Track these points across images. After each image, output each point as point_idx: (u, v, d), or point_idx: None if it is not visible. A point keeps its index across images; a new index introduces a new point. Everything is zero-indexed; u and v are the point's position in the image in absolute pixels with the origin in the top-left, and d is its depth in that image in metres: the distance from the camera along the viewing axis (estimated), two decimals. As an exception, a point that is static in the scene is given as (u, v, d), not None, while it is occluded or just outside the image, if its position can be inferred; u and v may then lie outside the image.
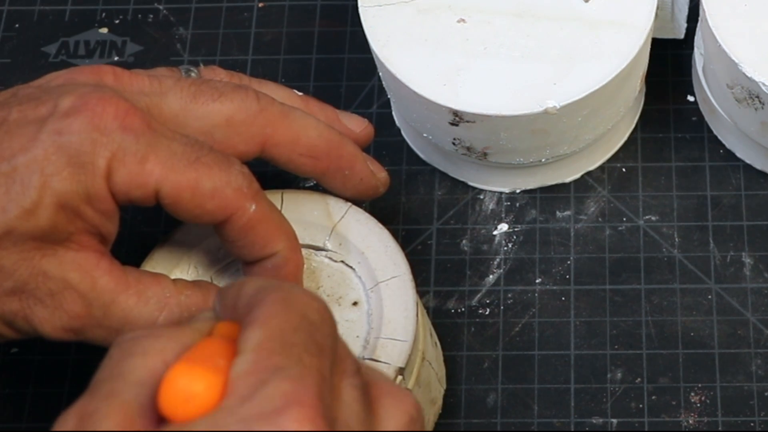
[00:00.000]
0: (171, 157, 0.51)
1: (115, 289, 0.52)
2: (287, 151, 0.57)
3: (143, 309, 0.53)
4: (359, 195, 0.59)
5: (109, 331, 0.53)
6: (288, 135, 0.56)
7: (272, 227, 0.54)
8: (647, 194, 0.66)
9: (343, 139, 0.58)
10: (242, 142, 0.56)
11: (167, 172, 0.51)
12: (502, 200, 0.66)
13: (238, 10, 0.73)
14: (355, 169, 0.58)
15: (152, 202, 0.52)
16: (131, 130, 0.51)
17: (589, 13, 0.62)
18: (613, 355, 0.62)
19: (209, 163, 0.52)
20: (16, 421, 0.62)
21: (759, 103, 0.61)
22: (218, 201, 0.52)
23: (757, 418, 0.60)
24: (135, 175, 0.51)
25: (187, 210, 0.52)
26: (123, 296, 0.52)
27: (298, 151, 0.57)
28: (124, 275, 0.53)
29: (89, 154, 0.51)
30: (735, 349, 0.62)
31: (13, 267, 0.51)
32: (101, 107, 0.51)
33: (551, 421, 0.61)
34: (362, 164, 0.59)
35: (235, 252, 0.54)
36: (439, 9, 0.62)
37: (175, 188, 0.51)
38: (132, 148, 0.51)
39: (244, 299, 0.45)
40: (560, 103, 0.59)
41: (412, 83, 0.60)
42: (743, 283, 0.64)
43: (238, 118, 0.55)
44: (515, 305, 0.64)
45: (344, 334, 0.56)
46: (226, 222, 0.53)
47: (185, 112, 0.55)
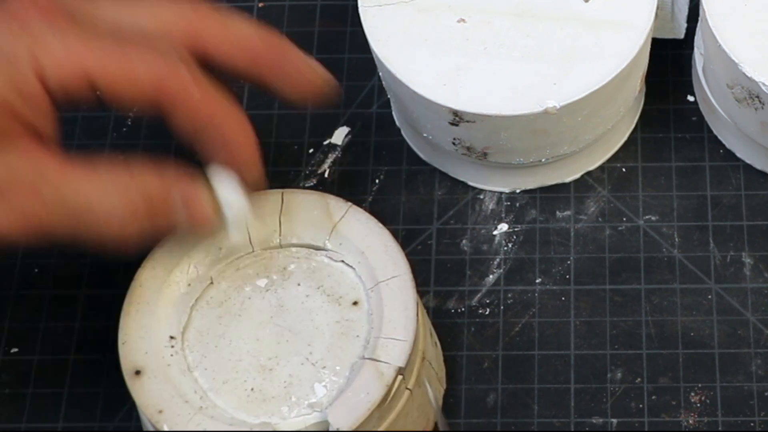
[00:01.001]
0: (100, 46, 0.51)
1: (65, 179, 0.51)
2: (224, 48, 0.56)
3: (101, 195, 0.51)
4: (302, 96, 0.57)
5: (70, 223, 0.51)
6: (224, 33, 0.56)
7: (203, 92, 0.54)
8: (647, 194, 0.66)
9: (281, 38, 0.57)
10: (177, 42, 0.55)
11: (97, 60, 0.51)
12: (502, 200, 0.66)
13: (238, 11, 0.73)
14: (295, 68, 0.57)
15: (91, 95, 0.52)
16: (54, 23, 0.52)
17: (589, 13, 0.62)
18: (613, 355, 0.62)
19: (140, 48, 0.52)
20: (16, 421, 0.62)
21: (759, 103, 0.61)
22: (148, 70, 0.52)
23: (757, 418, 0.60)
24: (64, 65, 0.51)
25: (128, 97, 0.52)
26: (75, 185, 0.51)
27: (235, 49, 0.56)
28: (72, 165, 0.52)
29: (13, 48, 0.51)
30: (735, 349, 0.62)
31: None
32: (23, 4, 0.52)
33: (551, 421, 0.61)
34: (303, 62, 0.57)
35: (175, 123, 0.54)
36: (439, 9, 0.62)
37: (109, 75, 0.51)
38: (57, 40, 0.51)
39: None
40: (560, 103, 0.59)
41: (412, 83, 0.60)
42: (743, 283, 0.64)
43: (170, 19, 0.55)
44: (515, 305, 0.64)
45: (344, 334, 0.56)
46: (158, 93, 0.53)
47: (117, 17, 0.55)
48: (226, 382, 0.55)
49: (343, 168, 0.68)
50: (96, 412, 0.62)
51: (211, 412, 0.54)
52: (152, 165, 0.53)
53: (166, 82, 0.52)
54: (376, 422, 0.54)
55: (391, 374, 0.54)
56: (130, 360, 0.55)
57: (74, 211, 0.51)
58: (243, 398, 0.55)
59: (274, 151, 0.68)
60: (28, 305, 0.65)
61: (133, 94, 0.52)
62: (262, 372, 0.55)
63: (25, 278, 0.65)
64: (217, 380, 0.56)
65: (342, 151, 0.68)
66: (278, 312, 0.57)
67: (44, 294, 0.65)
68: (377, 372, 0.54)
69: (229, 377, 0.56)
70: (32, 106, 0.51)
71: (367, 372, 0.54)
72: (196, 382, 0.55)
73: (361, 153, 0.68)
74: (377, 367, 0.54)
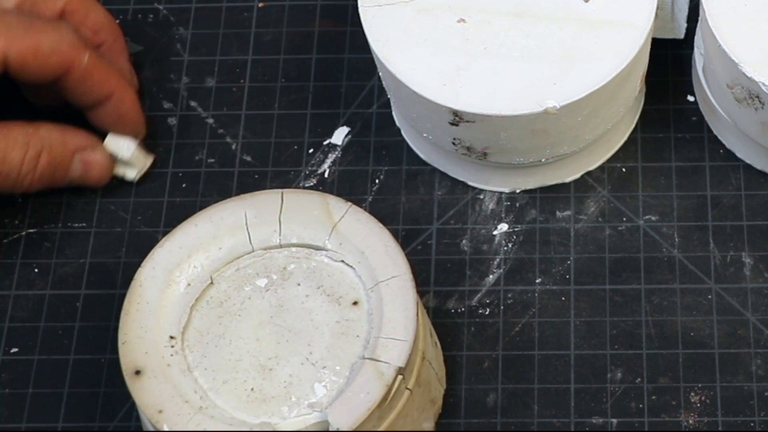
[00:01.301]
0: (9, 28, 0.60)
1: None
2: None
3: (12, 147, 0.62)
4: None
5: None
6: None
7: (105, 71, 0.63)
8: (647, 194, 0.66)
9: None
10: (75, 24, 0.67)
11: (10, 41, 0.60)
12: (502, 200, 0.66)
13: (238, 10, 0.73)
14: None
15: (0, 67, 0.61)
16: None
17: (589, 13, 0.62)
18: (613, 355, 0.62)
19: (42, 26, 0.61)
20: (16, 421, 0.62)
21: (759, 103, 0.61)
22: (57, 57, 0.61)
23: (757, 418, 0.60)
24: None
25: (33, 71, 0.61)
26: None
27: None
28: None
29: None
30: (735, 349, 0.62)
31: None
32: None
33: (551, 421, 0.61)
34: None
35: (77, 100, 0.64)
36: (439, 9, 0.62)
37: (20, 53, 0.60)
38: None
39: None
40: (560, 103, 0.59)
41: (412, 83, 0.60)
42: (743, 283, 0.64)
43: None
44: (515, 305, 0.64)
45: (344, 334, 0.56)
46: (65, 75, 0.62)
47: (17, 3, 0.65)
48: (226, 382, 0.55)
49: (343, 168, 0.68)
50: (96, 412, 0.62)
51: (211, 412, 0.54)
52: (56, 125, 0.64)
53: (70, 60, 0.62)
54: (376, 422, 0.54)
55: (391, 374, 0.54)
56: (130, 360, 0.55)
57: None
58: (243, 398, 0.55)
59: (274, 151, 0.68)
60: (28, 305, 0.65)
61: (40, 70, 0.61)
62: (262, 372, 0.55)
63: (25, 278, 0.65)
64: (217, 380, 0.56)
65: (342, 151, 0.68)
66: (278, 312, 0.57)
67: (44, 294, 0.65)
68: (377, 372, 0.54)
69: (229, 377, 0.56)
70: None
71: (367, 372, 0.54)
72: (196, 382, 0.55)
73: (361, 153, 0.68)
74: (377, 367, 0.54)
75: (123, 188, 0.68)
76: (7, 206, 0.67)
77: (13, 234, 0.67)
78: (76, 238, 0.66)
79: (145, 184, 0.68)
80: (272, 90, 0.70)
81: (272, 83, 0.70)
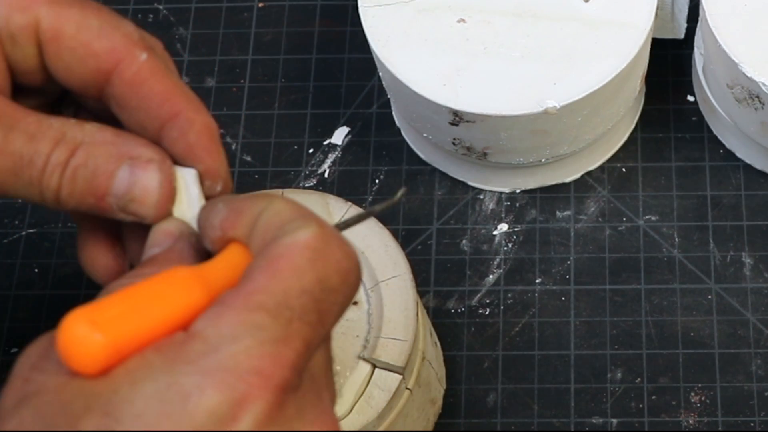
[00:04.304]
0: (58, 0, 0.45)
1: (16, 126, 0.44)
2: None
3: (38, 143, 0.44)
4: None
5: (10, 173, 0.44)
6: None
7: (167, 84, 0.45)
8: (647, 194, 0.66)
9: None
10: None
11: (52, 3, 0.45)
12: (502, 200, 0.66)
13: (238, 10, 0.73)
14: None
15: (33, 39, 0.45)
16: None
17: (589, 13, 0.62)
18: (613, 355, 0.62)
19: (97, 6, 0.46)
20: (16, 421, 0.62)
21: (759, 103, 0.61)
22: (105, 42, 0.45)
23: (757, 418, 0.60)
24: (13, 9, 0.45)
25: (71, 50, 0.45)
26: (24, 134, 0.44)
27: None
28: (24, 114, 0.45)
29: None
30: (735, 349, 0.62)
31: None
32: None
33: (551, 421, 0.61)
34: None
35: (131, 120, 0.46)
36: (439, 9, 0.62)
37: (58, 19, 0.45)
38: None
39: (272, 220, 0.41)
40: (560, 103, 0.59)
41: (412, 83, 0.60)
42: (743, 283, 0.64)
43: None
44: (515, 305, 0.64)
45: (344, 334, 0.56)
46: (113, 75, 0.45)
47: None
48: (226, 382, 0.55)
49: (343, 168, 0.68)
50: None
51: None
52: (112, 127, 0.46)
53: (120, 53, 0.45)
54: (376, 422, 0.54)
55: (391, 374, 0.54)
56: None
57: (16, 160, 0.44)
58: (243, 398, 0.55)
59: (274, 151, 0.68)
60: (28, 305, 0.65)
61: (81, 55, 0.45)
62: (262, 372, 0.55)
63: (25, 278, 0.65)
64: (217, 380, 0.55)
65: (342, 151, 0.68)
66: (278, 312, 0.57)
67: (44, 294, 0.65)
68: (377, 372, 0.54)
69: (229, 377, 0.55)
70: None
71: (366, 372, 0.54)
72: (196, 382, 0.55)
73: (361, 153, 0.68)
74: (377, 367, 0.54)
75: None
76: (7, 206, 0.67)
77: (13, 234, 0.67)
78: (76, 238, 0.66)
79: (145, 184, 0.68)
80: (272, 90, 0.70)
81: (272, 83, 0.70)
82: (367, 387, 0.54)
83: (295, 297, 0.39)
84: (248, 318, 0.38)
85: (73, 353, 0.37)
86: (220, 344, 0.38)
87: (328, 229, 0.41)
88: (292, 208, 0.41)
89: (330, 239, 0.40)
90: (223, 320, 0.38)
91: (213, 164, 0.46)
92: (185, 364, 0.37)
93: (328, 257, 0.40)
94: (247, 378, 0.37)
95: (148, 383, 0.37)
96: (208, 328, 0.38)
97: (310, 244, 0.40)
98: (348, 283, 0.41)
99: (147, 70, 0.45)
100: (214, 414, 0.37)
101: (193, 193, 0.45)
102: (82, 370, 0.37)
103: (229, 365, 0.37)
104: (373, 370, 0.54)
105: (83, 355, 0.37)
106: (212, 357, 0.37)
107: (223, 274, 0.40)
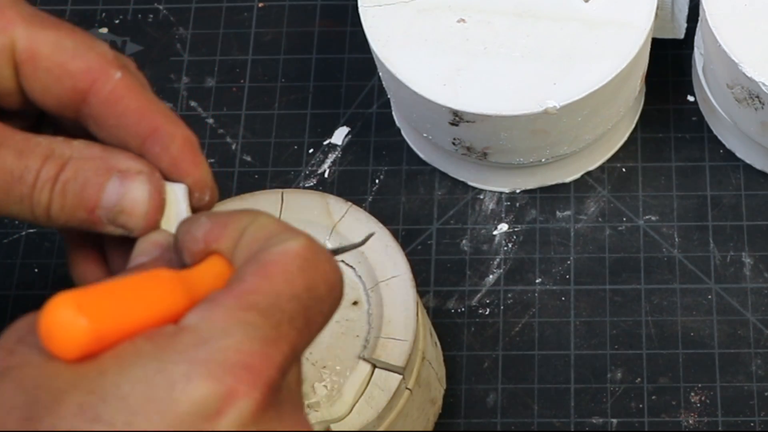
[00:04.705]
0: (32, 15, 0.46)
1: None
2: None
3: (28, 159, 0.45)
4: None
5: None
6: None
7: (143, 100, 0.46)
8: (647, 194, 0.66)
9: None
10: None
11: (27, 24, 0.45)
12: (502, 200, 0.66)
13: (238, 10, 0.73)
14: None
15: (9, 61, 0.46)
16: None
17: (589, 13, 0.62)
18: (613, 355, 0.62)
19: (71, 27, 0.46)
20: (16, 421, 0.62)
21: (759, 103, 0.61)
22: (80, 62, 0.45)
23: (757, 418, 0.60)
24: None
25: (47, 70, 0.45)
26: (12, 151, 0.45)
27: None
28: (11, 132, 0.46)
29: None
30: (735, 349, 0.62)
31: None
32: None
33: (551, 421, 0.61)
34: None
35: (112, 139, 0.46)
36: (439, 9, 0.62)
37: (34, 40, 0.45)
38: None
39: (259, 233, 0.41)
40: (560, 103, 0.59)
41: (412, 83, 0.60)
42: (743, 283, 0.64)
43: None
44: (515, 305, 0.64)
45: (344, 334, 0.56)
46: (89, 94, 0.46)
47: None
48: (226, 382, 0.55)
49: (343, 168, 0.68)
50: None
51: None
52: (100, 144, 0.46)
53: (95, 72, 0.46)
54: (376, 422, 0.54)
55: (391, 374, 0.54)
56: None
57: (6, 177, 0.45)
58: (243, 398, 0.55)
59: (274, 151, 0.68)
60: (28, 305, 0.65)
61: (60, 88, 0.46)
62: (262, 372, 0.55)
63: (25, 278, 0.65)
64: (217, 380, 0.55)
65: (342, 151, 0.68)
66: (278, 312, 0.57)
67: (44, 294, 0.65)
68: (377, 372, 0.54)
69: (229, 377, 0.55)
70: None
71: (366, 372, 0.54)
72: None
73: (361, 153, 0.68)
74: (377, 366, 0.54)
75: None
76: (7, 206, 0.67)
77: (13, 234, 0.67)
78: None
79: (145, 184, 0.68)
80: (272, 90, 0.70)
81: (272, 83, 0.70)
82: (367, 387, 0.54)
83: (285, 301, 0.40)
84: (241, 315, 0.39)
85: (56, 336, 0.37)
86: (211, 337, 0.38)
87: (317, 242, 0.42)
88: (278, 222, 0.42)
89: (319, 251, 0.42)
90: (215, 315, 0.39)
91: (200, 175, 0.47)
92: (175, 353, 0.38)
93: (317, 267, 0.41)
94: (236, 372, 0.37)
95: (137, 368, 0.37)
96: (200, 321, 0.39)
97: (300, 253, 0.41)
98: (333, 296, 0.42)
99: (122, 87, 0.46)
100: (199, 405, 0.37)
101: (182, 207, 0.46)
102: (61, 355, 0.37)
103: (219, 358, 0.38)
104: (373, 370, 0.54)
105: (65, 339, 0.37)
106: (203, 348, 0.38)
107: (204, 281, 0.41)
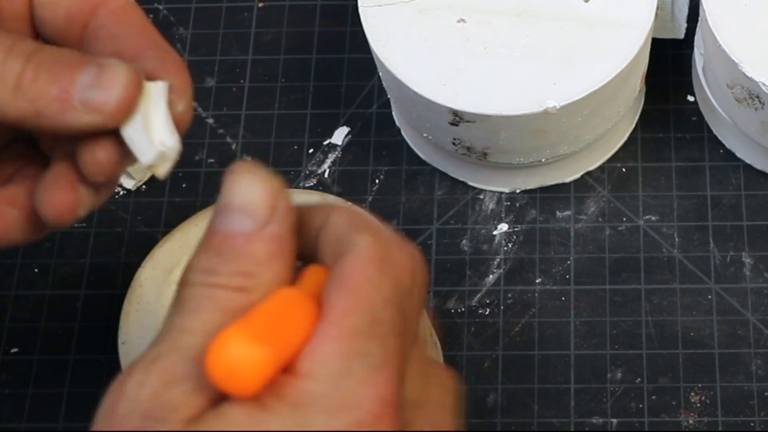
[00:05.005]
0: None
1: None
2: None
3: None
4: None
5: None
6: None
7: (146, 20, 0.47)
8: (647, 194, 0.66)
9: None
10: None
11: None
12: (502, 200, 0.66)
13: (238, 10, 0.73)
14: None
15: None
16: None
17: (589, 13, 0.62)
18: (613, 355, 0.62)
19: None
20: (16, 421, 0.62)
21: (759, 103, 0.61)
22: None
23: (757, 418, 0.60)
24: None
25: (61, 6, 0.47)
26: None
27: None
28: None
29: None
30: (735, 349, 0.62)
31: None
32: None
33: (551, 421, 0.61)
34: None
35: (109, 48, 0.46)
36: (439, 9, 0.62)
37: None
38: None
39: (332, 235, 0.41)
40: (560, 103, 0.59)
41: (412, 83, 0.60)
42: (743, 283, 0.64)
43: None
44: (515, 305, 0.64)
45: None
46: (100, 7, 0.47)
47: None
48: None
49: (343, 168, 0.68)
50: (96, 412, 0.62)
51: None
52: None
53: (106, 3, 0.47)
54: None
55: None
56: (130, 360, 0.55)
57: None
58: (243, 398, 0.55)
59: (274, 151, 0.68)
60: (28, 305, 0.65)
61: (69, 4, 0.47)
62: (262, 372, 0.55)
63: (25, 278, 0.65)
64: (217, 380, 0.55)
65: (342, 151, 0.68)
66: (278, 312, 0.57)
67: (44, 294, 0.65)
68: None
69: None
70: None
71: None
72: (196, 382, 0.55)
73: (361, 153, 0.68)
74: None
75: (123, 188, 0.68)
76: (7, 206, 0.67)
77: (13, 234, 0.67)
78: (76, 238, 0.66)
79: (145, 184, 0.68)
80: (272, 90, 0.70)
81: (272, 83, 0.70)
82: None
83: (380, 310, 0.39)
84: (350, 348, 0.38)
85: (237, 372, 0.36)
86: (334, 381, 0.38)
87: (382, 234, 0.41)
88: (346, 220, 0.41)
89: (388, 244, 0.41)
90: (326, 356, 0.38)
91: (183, 81, 0.47)
92: (308, 407, 0.37)
93: (394, 261, 0.40)
94: (371, 409, 0.38)
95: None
96: (315, 366, 0.38)
97: (373, 254, 0.40)
98: (417, 282, 0.41)
99: (130, 6, 0.47)
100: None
101: (161, 103, 0.45)
102: (244, 391, 0.36)
103: (351, 401, 0.38)
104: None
105: (247, 372, 0.36)
106: (332, 396, 0.38)
107: (312, 290, 0.40)
